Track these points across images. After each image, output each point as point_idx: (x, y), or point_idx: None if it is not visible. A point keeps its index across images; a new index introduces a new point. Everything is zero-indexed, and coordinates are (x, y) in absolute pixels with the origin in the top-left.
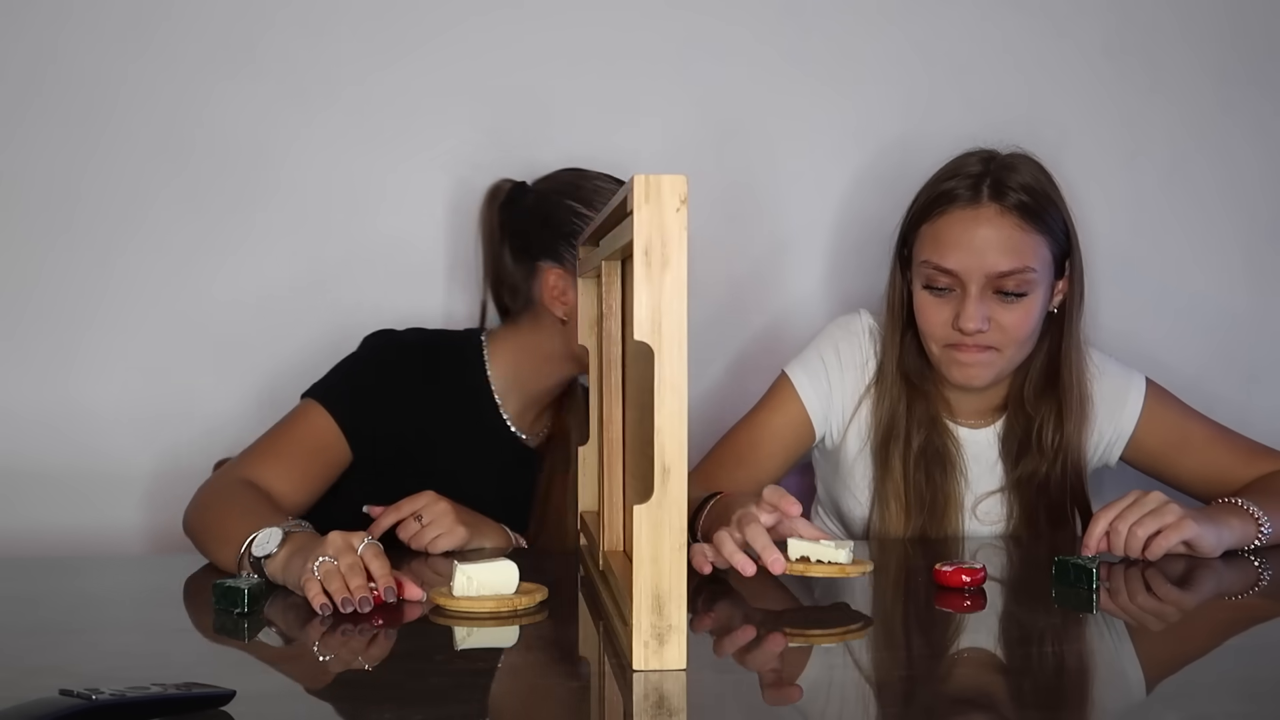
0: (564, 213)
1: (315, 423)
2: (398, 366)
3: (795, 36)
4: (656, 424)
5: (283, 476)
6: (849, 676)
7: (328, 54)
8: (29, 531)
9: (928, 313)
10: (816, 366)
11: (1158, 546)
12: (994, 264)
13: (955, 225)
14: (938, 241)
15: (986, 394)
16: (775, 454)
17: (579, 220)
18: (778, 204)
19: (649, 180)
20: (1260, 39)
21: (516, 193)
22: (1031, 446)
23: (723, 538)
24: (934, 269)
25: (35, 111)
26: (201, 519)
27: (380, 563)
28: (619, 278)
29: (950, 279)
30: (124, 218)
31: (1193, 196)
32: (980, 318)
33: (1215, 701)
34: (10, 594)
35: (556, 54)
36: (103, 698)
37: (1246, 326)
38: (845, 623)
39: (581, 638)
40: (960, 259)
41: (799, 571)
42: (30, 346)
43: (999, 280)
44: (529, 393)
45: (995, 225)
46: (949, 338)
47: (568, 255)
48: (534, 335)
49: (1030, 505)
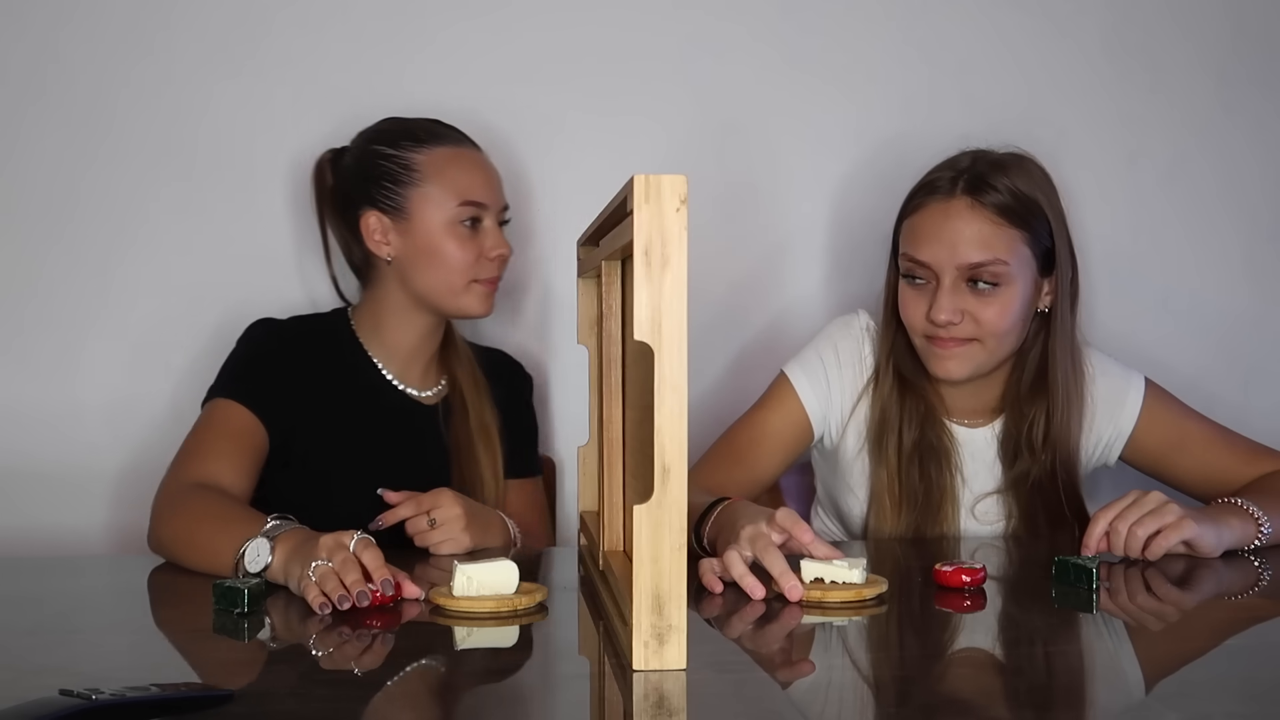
0: (373, 158)
1: (229, 414)
2: (281, 351)
3: (795, 36)
4: (656, 424)
5: (225, 469)
6: (848, 677)
7: (328, 55)
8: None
9: (906, 305)
10: (815, 366)
11: (1157, 546)
12: (964, 255)
13: (930, 218)
14: (914, 234)
15: (981, 393)
16: (774, 453)
17: (387, 162)
18: (777, 204)
19: (649, 180)
20: (1260, 39)
21: (335, 157)
22: (1023, 447)
23: (733, 558)
24: (910, 261)
25: (35, 114)
26: (174, 534)
27: (372, 554)
28: (619, 278)
29: (925, 270)
30: (120, 219)
31: (1192, 196)
32: (951, 309)
33: (1215, 701)
34: (10, 594)
35: (556, 54)
36: (103, 698)
37: (1246, 326)
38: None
39: (581, 638)
40: (932, 251)
41: (817, 598)
42: (34, 348)
43: (972, 271)
44: (404, 349)
45: (966, 219)
46: (926, 329)
47: (382, 198)
48: (383, 290)
49: (1028, 506)
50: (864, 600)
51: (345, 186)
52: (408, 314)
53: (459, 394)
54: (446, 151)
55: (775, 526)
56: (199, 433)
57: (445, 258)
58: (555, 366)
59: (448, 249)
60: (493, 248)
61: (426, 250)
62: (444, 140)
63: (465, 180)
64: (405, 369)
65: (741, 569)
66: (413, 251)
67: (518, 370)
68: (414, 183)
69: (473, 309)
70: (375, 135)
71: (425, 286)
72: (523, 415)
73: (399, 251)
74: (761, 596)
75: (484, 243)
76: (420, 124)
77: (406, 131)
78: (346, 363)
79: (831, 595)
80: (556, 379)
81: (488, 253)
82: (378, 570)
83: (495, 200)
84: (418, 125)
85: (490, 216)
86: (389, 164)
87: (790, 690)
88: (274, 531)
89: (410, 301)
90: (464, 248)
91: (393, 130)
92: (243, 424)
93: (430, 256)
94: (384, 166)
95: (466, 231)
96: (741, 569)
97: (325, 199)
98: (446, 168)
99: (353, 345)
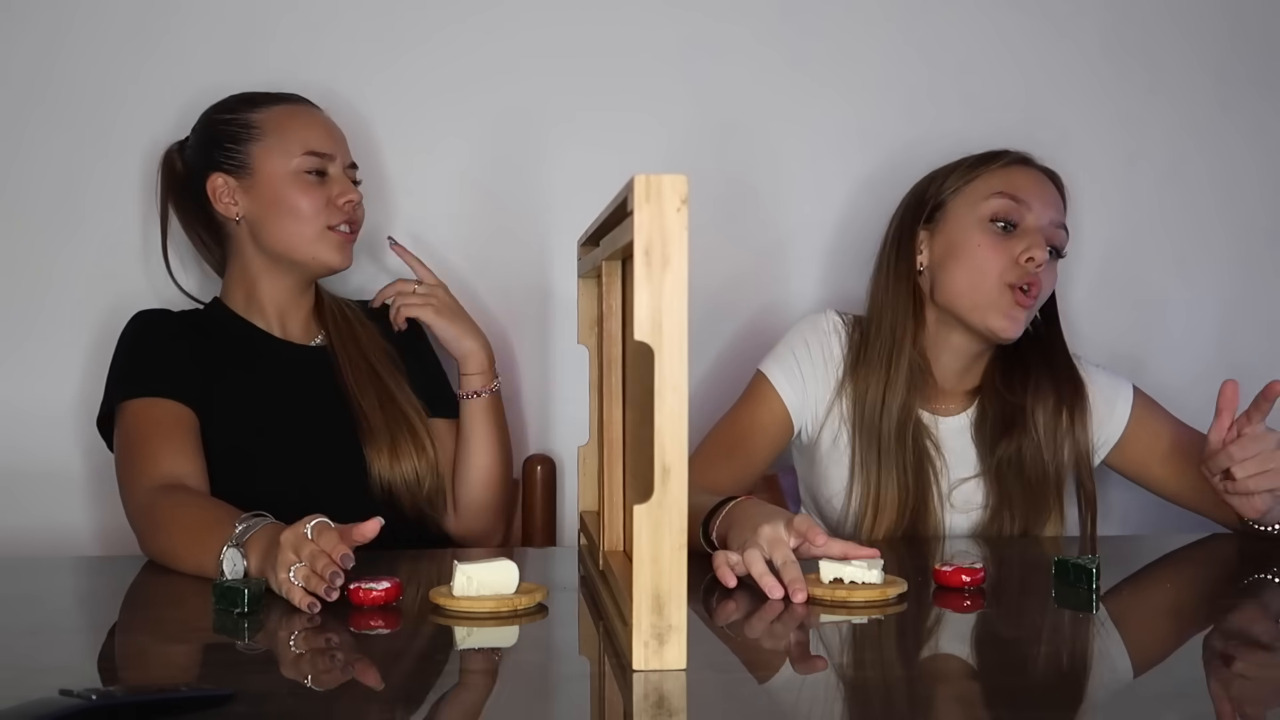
0: (213, 125)
1: (150, 411)
2: (171, 329)
3: (795, 36)
4: (656, 424)
5: (178, 461)
6: (848, 677)
7: (329, 56)
8: (28, 531)
9: (991, 249)
10: (789, 361)
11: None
12: (1053, 214)
13: (1028, 176)
14: (1011, 180)
15: (964, 377)
16: (762, 446)
17: (226, 125)
18: (777, 204)
19: (649, 180)
20: (1259, 39)
21: (177, 149)
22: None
23: (754, 556)
24: (1010, 199)
25: (40, 117)
26: (160, 552)
27: (328, 536)
28: (619, 278)
29: (1020, 211)
30: (123, 220)
31: (1191, 196)
32: (1045, 249)
33: (1215, 701)
34: (10, 594)
35: (556, 54)
36: (103, 698)
37: (1245, 326)
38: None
39: (581, 638)
40: (1039, 199)
41: (842, 598)
42: (37, 349)
43: (1054, 232)
44: (279, 308)
45: (1051, 190)
46: (1011, 274)
47: (224, 159)
48: (243, 259)
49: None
50: (886, 600)
51: (189, 162)
52: (271, 276)
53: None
54: (285, 108)
55: (793, 531)
56: (133, 438)
57: (292, 207)
58: (555, 366)
59: (294, 198)
60: (340, 194)
61: (274, 203)
62: (283, 100)
63: (306, 132)
64: (285, 327)
65: (762, 567)
66: (260, 207)
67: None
68: (254, 139)
69: (330, 259)
70: (213, 106)
71: (278, 240)
72: (421, 353)
73: (247, 210)
74: (779, 596)
75: (331, 190)
76: (257, 92)
77: (244, 98)
78: (231, 333)
79: (856, 595)
80: (556, 379)
81: (336, 199)
82: (335, 548)
83: (340, 152)
84: (255, 92)
85: (335, 167)
86: (229, 126)
87: (790, 690)
88: (243, 536)
89: (269, 262)
90: (310, 195)
91: (231, 99)
92: (169, 414)
93: (278, 208)
94: (224, 129)
95: (312, 180)
96: (762, 567)
97: (171, 188)
98: (286, 121)
99: (231, 318)
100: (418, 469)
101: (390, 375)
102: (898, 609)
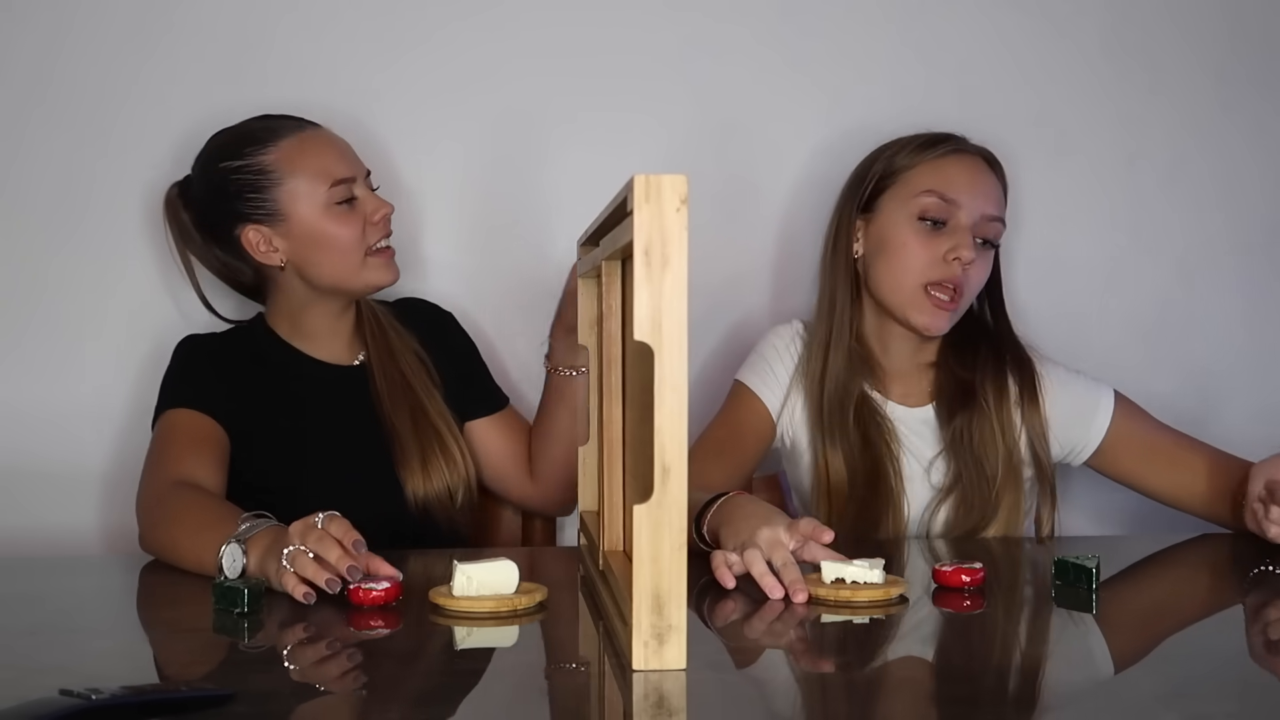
0: (224, 175)
1: (184, 421)
2: (213, 361)
3: (795, 36)
4: (656, 424)
5: (197, 466)
6: (847, 677)
7: (329, 56)
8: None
9: (917, 247)
10: (763, 367)
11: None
12: (985, 208)
13: (961, 165)
14: (942, 174)
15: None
16: (750, 445)
17: (239, 174)
18: (777, 204)
19: (649, 180)
20: (1259, 39)
21: (184, 187)
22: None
23: (754, 556)
24: (940, 199)
25: (40, 117)
26: (159, 544)
27: (339, 524)
28: (619, 278)
29: (950, 210)
30: (123, 220)
31: (1192, 197)
32: (973, 248)
33: (1215, 701)
34: (10, 594)
35: (556, 54)
36: (103, 698)
37: (1244, 326)
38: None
39: (581, 638)
40: (968, 193)
41: (844, 598)
42: (37, 348)
43: (985, 225)
44: (323, 333)
45: (987, 175)
46: (934, 273)
47: (251, 210)
48: (287, 292)
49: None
50: (889, 600)
51: (209, 215)
52: (317, 305)
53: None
54: (293, 141)
55: (796, 533)
56: (163, 445)
57: (333, 241)
58: None
59: (333, 232)
60: (374, 211)
61: (314, 242)
62: (284, 132)
63: (322, 161)
64: (329, 349)
65: (763, 567)
66: (301, 248)
67: (431, 311)
68: (275, 184)
69: (380, 279)
70: (215, 153)
71: (327, 275)
72: (455, 351)
73: (289, 253)
74: (780, 596)
75: (365, 210)
76: (253, 126)
77: (243, 138)
78: (275, 359)
79: (859, 595)
80: None
81: (371, 218)
82: (347, 535)
83: (358, 168)
84: (252, 128)
85: (360, 186)
86: (243, 174)
87: (790, 690)
88: (246, 534)
89: (316, 294)
90: (348, 225)
91: (229, 142)
92: (199, 428)
93: (318, 245)
94: (241, 180)
95: (345, 209)
96: (763, 567)
97: (185, 234)
98: (299, 156)
99: (275, 343)
100: (449, 483)
101: (423, 387)
102: (899, 609)
